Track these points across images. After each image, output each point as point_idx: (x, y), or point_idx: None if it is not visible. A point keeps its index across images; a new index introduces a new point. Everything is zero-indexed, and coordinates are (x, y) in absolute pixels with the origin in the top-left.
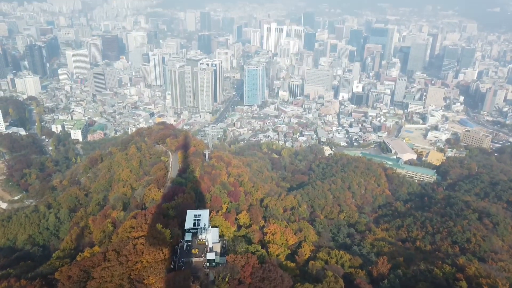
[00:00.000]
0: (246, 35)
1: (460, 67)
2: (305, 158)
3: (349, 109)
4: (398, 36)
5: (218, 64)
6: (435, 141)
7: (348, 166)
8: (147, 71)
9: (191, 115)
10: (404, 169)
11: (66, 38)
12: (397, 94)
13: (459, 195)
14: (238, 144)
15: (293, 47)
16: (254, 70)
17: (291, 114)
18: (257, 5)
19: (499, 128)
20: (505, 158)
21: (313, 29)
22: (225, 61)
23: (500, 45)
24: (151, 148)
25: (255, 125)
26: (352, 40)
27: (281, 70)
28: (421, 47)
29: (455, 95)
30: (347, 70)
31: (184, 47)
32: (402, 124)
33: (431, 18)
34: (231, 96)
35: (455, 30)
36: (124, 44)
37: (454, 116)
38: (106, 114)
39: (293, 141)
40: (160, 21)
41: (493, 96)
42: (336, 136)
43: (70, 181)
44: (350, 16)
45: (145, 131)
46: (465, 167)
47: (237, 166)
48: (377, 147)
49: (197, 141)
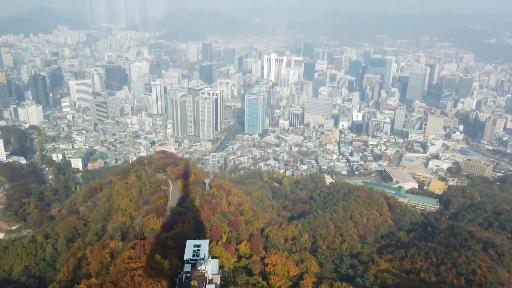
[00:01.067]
0: (247, 65)
1: (459, 97)
2: (306, 186)
3: (350, 138)
4: (396, 66)
5: (219, 94)
6: (436, 170)
7: (349, 195)
8: (149, 100)
9: (191, 144)
10: (406, 198)
11: (70, 69)
12: (397, 123)
13: (463, 225)
14: (239, 172)
15: (293, 77)
16: (254, 99)
17: (292, 143)
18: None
19: (500, 157)
20: (507, 187)
21: (312, 60)
22: (226, 91)
23: (497, 75)
24: (151, 176)
25: (255, 153)
26: (351, 70)
27: (282, 99)
28: (419, 77)
29: (455, 124)
30: (347, 99)
31: (185, 77)
32: (403, 153)
33: (428, 49)
34: (232, 124)
35: (452, 61)
36: (127, 74)
37: (455, 145)
38: (107, 143)
39: (293, 170)
40: (162, 52)
41: (492, 125)
42: (337, 165)
43: (69, 211)
44: (348, 47)
45: (145, 159)
46: (468, 197)
47: (238, 195)
48: (378, 175)
49: (197, 169)
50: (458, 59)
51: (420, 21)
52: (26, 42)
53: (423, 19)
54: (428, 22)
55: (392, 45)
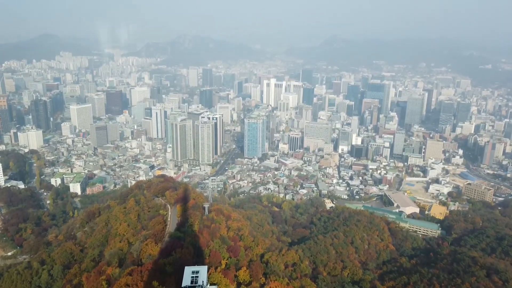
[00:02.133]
0: (247, 90)
1: (457, 121)
2: (306, 211)
3: (349, 162)
4: (394, 91)
5: (219, 118)
6: (437, 194)
7: (350, 220)
8: (149, 124)
9: (191, 168)
10: (407, 223)
11: (71, 94)
12: (396, 147)
13: (465, 250)
14: (238, 196)
15: (292, 102)
16: (254, 123)
17: (291, 167)
18: (257, 62)
19: (500, 182)
20: (509, 212)
21: (311, 85)
22: (226, 115)
23: (495, 100)
24: (150, 201)
25: (255, 177)
26: (349, 95)
27: (281, 123)
28: (418, 102)
29: (454, 148)
30: (346, 123)
31: (186, 101)
32: (403, 177)
33: (425, 74)
34: (232, 148)
35: (449, 86)
36: (128, 99)
37: (455, 169)
38: (106, 167)
39: (293, 194)
40: (163, 77)
41: (492, 149)
42: (337, 189)
43: (66, 236)
44: (347, 73)
45: (144, 184)
46: (469, 221)
47: (237, 219)
48: (379, 200)
49: (196, 194)
50: (455, 84)
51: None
52: (29, 67)
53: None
54: (424, 48)
55: (390, 71)
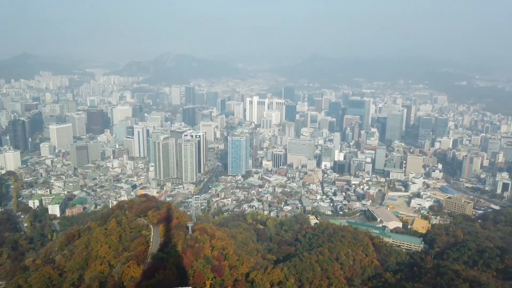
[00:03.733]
0: (230, 108)
1: (436, 136)
2: (291, 228)
3: (332, 178)
4: (374, 107)
5: (202, 136)
6: (418, 208)
7: (334, 236)
8: (130, 143)
9: (174, 187)
10: (391, 238)
11: (51, 113)
12: (378, 162)
13: (448, 264)
14: (222, 215)
15: (275, 119)
16: (237, 140)
17: (275, 184)
18: (239, 80)
19: (479, 195)
20: (488, 224)
21: (293, 102)
22: (209, 133)
23: (471, 115)
24: (132, 221)
25: (239, 195)
26: (331, 112)
27: (264, 140)
28: (397, 118)
29: (434, 162)
30: (328, 139)
31: (168, 120)
32: (385, 192)
33: (403, 91)
34: (215, 166)
35: (427, 102)
36: (109, 118)
37: (435, 183)
38: (86, 187)
39: (278, 211)
40: (145, 95)
41: (470, 163)
42: (321, 205)
43: (44, 260)
44: (328, 90)
45: (126, 204)
46: (451, 235)
47: (222, 238)
48: (362, 215)
49: (180, 213)
50: (432, 100)
51: (394, 65)
52: (7, 87)
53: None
54: (402, 65)
55: (370, 88)
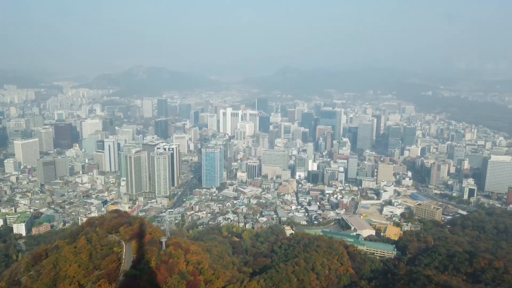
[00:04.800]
0: (203, 119)
1: (405, 145)
2: (267, 239)
3: (307, 188)
4: (345, 117)
5: (175, 148)
6: (390, 215)
7: (310, 246)
8: (101, 158)
9: (147, 201)
10: (365, 246)
11: (15, 128)
12: (350, 172)
13: (420, 269)
14: (197, 228)
15: (249, 130)
16: (211, 152)
17: (250, 195)
18: (213, 92)
19: (447, 201)
20: (457, 229)
21: (267, 113)
22: (182, 145)
23: (437, 124)
24: (102, 238)
25: (214, 207)
26: (304, 122)
27: (239, 152)
28: (368, 127)
29: (403, 170)
30: (302, 150)
31: (140, 132)
32: (358, 200)
33: (373, 101)
34: (189, 179)
35: (395, 112)
36: (78, 132)
37: (405, 190)
38: (54, 204)
39: (253, 223)
40: (116, 108)
41: (437, 170)
42: (296, 215)
43: (9, 282)
44: (300, 101)
45: (96, 220)
46: (422, 241)
47: (196, 252)
48: (337, 224)
49: (153, 228)
50: (400, 110)
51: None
52: None
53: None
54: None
55: (341, 98)
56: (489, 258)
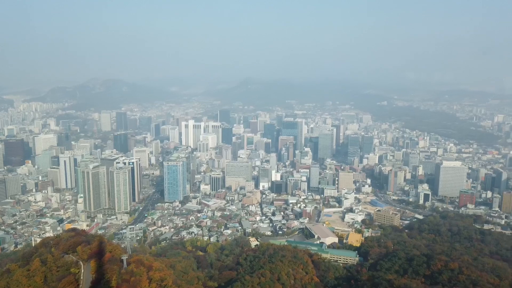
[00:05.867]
0: (164, 132)
1: (363, 153)
2: (232, 252)
3: (271, 198)
4: (306, 128)
5: (136, 162)
6: (352, 222)
7: (275, 256)
8: (56, 174)
9: (106, 218)
10: (329, 254)
11: None
12: (313, 180)
13: (382, 274)
14: (160, 244)
15: (212, 142)
16: (174, 165)
17: (214, 207)
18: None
19: (404, 206)
20: (414, 233)
21: (229, 125)
22: (143, 159)
23: (392, 133)
24: (58, 259)
25: (177, 222)
26: (266, 133)
27: (202, 164)
28: (328, 137)
29: (363, 178)
30: (265, 160)
31: (98, 147)
32: (321, 209)
33: (332, 111)
34: (151, 193)
35: (354, 121)
36: (31, 148)
37: (365, 197)
38: (5, 225)
39: (218, 235)
40: (72, 122)
41: (394, 177)
42: (260, 226)
43: None
44: (262, 112)
45: (52, 240)
46: (382, 246)
47: (160, 269)
48: (301, 233)
49: (113, 246)
50: (358, 119)
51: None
52: None
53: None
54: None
55: (301, 109)
56: (445, 260)
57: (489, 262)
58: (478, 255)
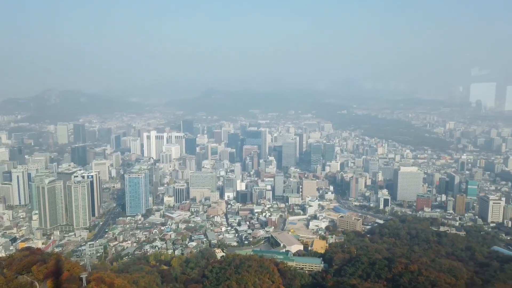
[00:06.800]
0: (125, 144)
1: (325, 161)
2: (197, 264)
3: (236, 208)
4: (270, 137)
5: (95, 176)
6: (316, 229)
7: (241, 267)
8: (8, 190)
9: (63, 235)
10: (294, 261)
11: None
12: (277, 189)
13: (346, 279)
14: (122, 260)
15: (175, 153)
16: (135, 178)
17: (179, 220)
18: (135, 115)
19: (366, 211)
20: (376, 238)
21: (193, 135)
22: (103, 172)
23: (353, 140)
24: (11, 281)
25: (140, 236)
26: (230, 143)
27: (165, 176)
28: (291, 145)
29: (326, 185)
30: (229, 170)
31: (54, 161)
32: (286, 217)
33: (295, 120)
34: (112, 207)
35: (316, 130)
36: None
37: (328, 204)
38: None
39: (182, 248)
40: (25, 135)
41: (356, 183)
42: (226, 237)
43: None
44: (226, 122)
45: (4, 261)
46: (346, 251)
47: (122, 286)
48: (267, 242)
49: (71, 264)
50: (320, 128)
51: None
52: None
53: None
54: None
55: (265, 118)
56: (405, 263)
57: (445, 262)
58: (436, 257)
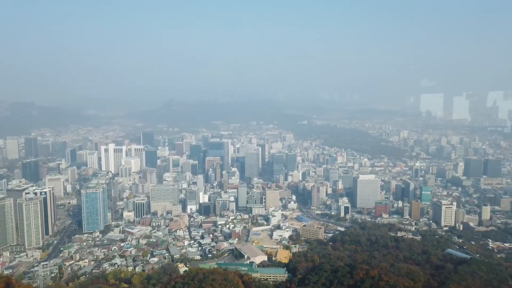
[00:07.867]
0: (82, 158)
1: (288, 170)
2: (159, 281)
3: (199, 221)
4: (232, 148)
5: (49, 192)
6: (280, 239)
7: (205, 281)
8: None
9: (14, 256)
10: (259, 273)
11: None
12: (241, 200)
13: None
14: (79, 280)
15: (135, 166)
16: (93, 193)
17: (139, 235)
18: (92, 128)
19: (328, 220)
20: (338, 245)
21: (153, 147)
22: (57, 188)
23: (313, 150)
24: None
25: (98, 254)
26: (192, 155)
27: (124, 190)
28: (254, 156)
29: (288, 195)
30: (192, 182)
31: (4, 177)
32: (249, 228)
33: (257, 131)
34: (67, 225)
35: (277, 140)
36: None
37: (291, 213)
38: None
39: (144, 265)
40: None
41: (317, 192)
42: (189, 251)
43: None
44: (188, 133)
45: None
46: (309, 260)
47: None
48: (231, 254)
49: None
50: (281, 138)
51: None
52: None
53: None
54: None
55: (227, 129)
56: (366, 269)
57: (404, 267)
58: (394, 261)
